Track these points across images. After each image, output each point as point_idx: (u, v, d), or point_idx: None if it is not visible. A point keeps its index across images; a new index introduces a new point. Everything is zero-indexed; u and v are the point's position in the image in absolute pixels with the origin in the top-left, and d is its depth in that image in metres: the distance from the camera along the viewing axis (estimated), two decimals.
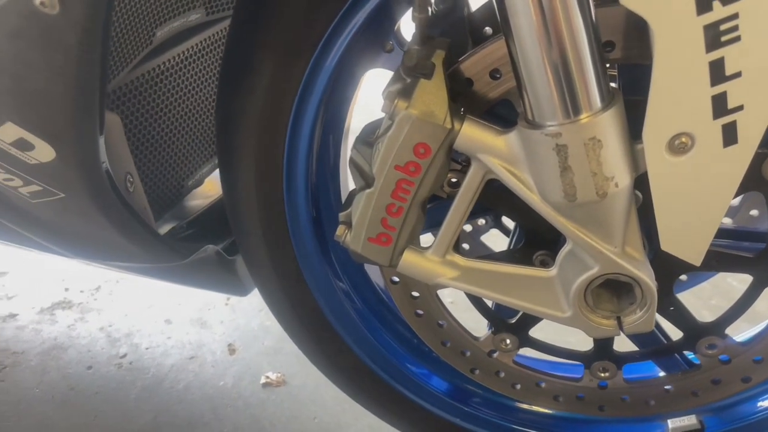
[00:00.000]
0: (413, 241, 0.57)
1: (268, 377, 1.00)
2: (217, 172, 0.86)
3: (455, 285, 0.57)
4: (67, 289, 1.15)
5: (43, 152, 0.53)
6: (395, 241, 0.56)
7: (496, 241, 0.85)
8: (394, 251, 0.56)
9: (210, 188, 0.90)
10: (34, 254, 1.20)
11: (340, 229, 0.58)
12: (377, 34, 0.61)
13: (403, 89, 0.50)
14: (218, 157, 0.68)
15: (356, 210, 0.56)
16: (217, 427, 0.92)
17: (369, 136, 0.56)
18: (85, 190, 0.58)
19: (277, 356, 1.04)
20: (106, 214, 0.61)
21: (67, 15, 0.39)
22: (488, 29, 0.62)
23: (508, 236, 0.81)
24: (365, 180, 0.55)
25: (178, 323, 1.10)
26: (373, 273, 0.77)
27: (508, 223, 0.80)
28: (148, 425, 0.91)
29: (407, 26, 0.60)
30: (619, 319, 0.53)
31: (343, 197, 0.72)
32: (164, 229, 0.77)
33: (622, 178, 0.46)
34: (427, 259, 0.57)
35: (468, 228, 0.85)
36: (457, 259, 0.57)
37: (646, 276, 0.50)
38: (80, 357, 1.02)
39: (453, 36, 0.58)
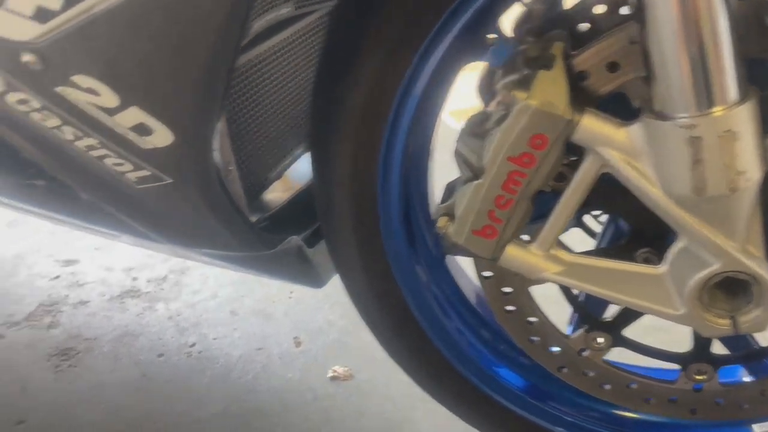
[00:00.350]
0: (517, 235, 0.57)
1: (335, 371, 1.00)
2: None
3: (559, 280, 0.57)
4: (135, 279, 1.17)
5: (161, 137, 0.54)
6: (500, 234, 0.56)
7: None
8: (497, 244, 0.56)
9: (286, 183, 0.91)
10: (103, 243, 1.23)
11: (442, 221, 0.58)
12: (481, 27, 0.61)
13: (520, 80, 0.50)
14: (312, 148, 0.69)
15: (461, 201, 0.56)
16: (287, 418, 0.92)
17: (476, 128, 0.56)
18: (194, 176, 0.59)
19: (343, 350, 1.04)
20: (209, 201, 0.63)
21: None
22: (584, 25, 0.62)
23: (589, 235, 0.80)
24: (473, 171, 0.55)
25: (243, 315, 1.11)
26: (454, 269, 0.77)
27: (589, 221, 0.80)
28: (219, 414, 0.92)
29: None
30: (734, 318, 0.52)
31: (432, 191, 0.72)
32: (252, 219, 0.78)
33: (753, 173, 0.45)
34: (530, 252, 0.57)
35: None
36: (562, 254, 0.57)
37: (767, 274, 0.49)
38: (151, 345, 1.04)
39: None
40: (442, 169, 0.73)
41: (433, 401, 0.81)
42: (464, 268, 0.77)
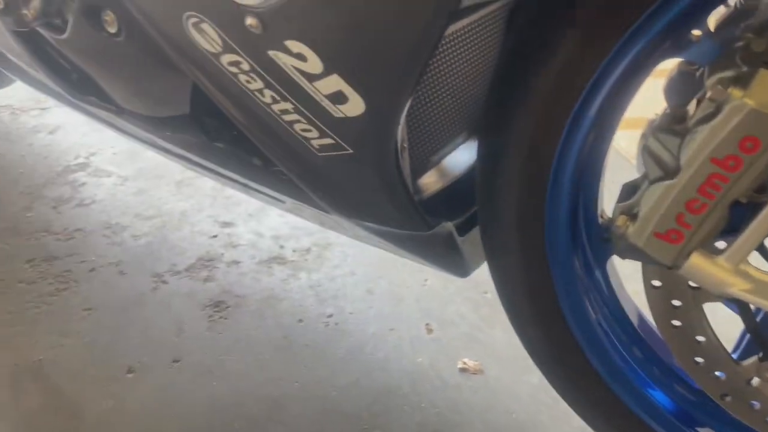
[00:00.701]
0: (705, 243, 0.53)
1: (465, 363, 1.00)
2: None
3: (747, 298, 0.53)
4: (282, 247, 1.24)
5: (354, 107, 0.56)
6: (686, 240, 0.52)
7: None
8: (681, 251, 0.53)
9: (443, 169, 0.92)
10: (256, 210, 1.31)
11: (621, 220, 0.56)
12: (688, 21, 0.57)
13: (737, 77, 0.47)
14: (484, 135, 0.69)
15: (647, 201, 0.53)
16: (415, 400, 0.94)
17: (674, 124, 0.53)
18: (374, 149, 0.61)
19: (473, 344, 1.04)
20: (382, 175, 0.65)
21: None
22: None
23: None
24: (664, 170, 0.52)
25: (379, 294, 1.14)
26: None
27: None
28: (351, 385, 0.95)
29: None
30: None
31: (602, 190, 0.70)
32: None
33: None
34: (717, 265, 0.53)
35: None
36: (751, 270, 0.53)
37: None
38: (293, 310, 1.09)
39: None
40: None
41: (559, 408, 0.78)
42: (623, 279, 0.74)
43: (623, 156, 1.56)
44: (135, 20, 0.62)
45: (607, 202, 0.64)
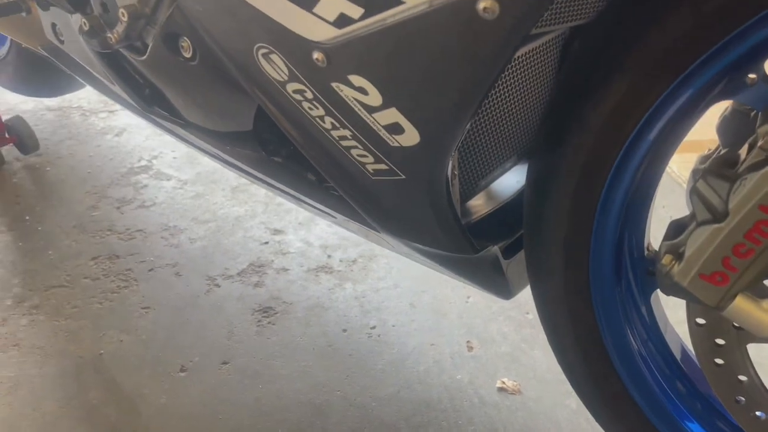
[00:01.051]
0: (749, 288, 0.54)
1: (503, 382, 1.01)
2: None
3: None
4: (329, 257, 1.28)
5: (409, 138, 0.59)
6: (732, 284, 0.53)
7: None
8: (726, 293, 0.54)
9: (491, 192, 0.94)
10: (305, 220, 1.36)
11: (667, 258, 0.57)
12: (744, 65, 0.58)
13: None
14: (535, 161, 0.71)
15: (693, 243, 0.54)
16: (453, 415, 0.96)
17: (724, 169, 0.54)
18: (426, 175, 0.64)
19: (513, 364, 1.05)
20: (432, 200, 0.67)
21: (501, 22, 0.44)
22: None
23: None
24: (712, 214, 0.53)
25: (421, 309, 1.17)
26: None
27: None
28: (392, 396, 0.98)
29: None
30: None
31: (649, 225, 0.70)
32: None
33: None
34: (761, 309, 0.53)
35: None
36: None
37: None
38: (338, 319, 1.13)
39: None
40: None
41: None
42: (668, 307, 0.74)
43: (675, 180, 1.54)
44: (209, 47, 0.66)
45: (657, 227, 0.65)
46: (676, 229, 0.60)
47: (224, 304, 1.16)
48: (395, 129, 0.59)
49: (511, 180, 0.90)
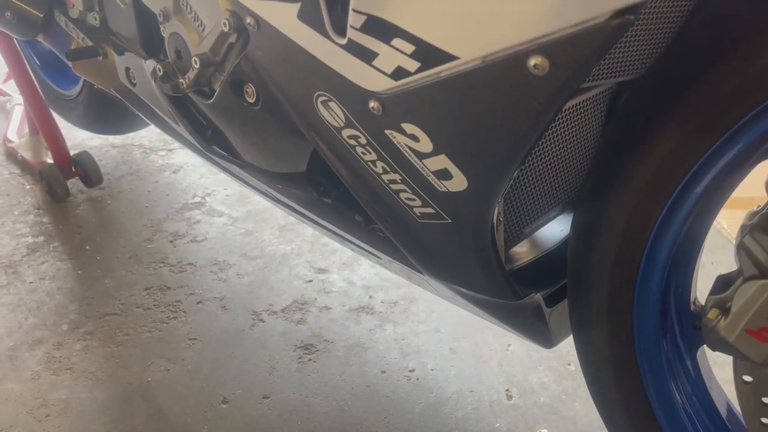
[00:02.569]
0: None
1: None
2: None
3: None
4: (371, 297, 1.30)
5: (457, 183, 0.62)
6: None
7: None
8: None
9: (535, 240, 0.95)
10: (349, 260, 1.39)
11: (713, 313, 0.57)
12: None
13: None
14: (580, 212, 0.72)
15: (739, 298, 0.54)
16: None
17: None
18: (472, 221, 0.66)
19: (553, 416, 1.04)
20: (476, 245, 0.69)
21: (551, 79, 0.46)
22: None
23: None
24: (759, 269, 0.53)
25: (461, 354, 1.17)
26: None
27: None
28: None
29: None
30: None
31: (696, 279, 0.70)
32: None
33: None
34: None
35: None
36: None
37: None
38: (377, 360, 1.14)
39: None
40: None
41: None
42: (714, 365, 0.73)
43: (725, 237, 1.51)
44: (271, 94, 0.71)
45: (705, 282, 0.64)
46: (723, 283, 0.60)
47: (267, 339, 1.18)
48: (444, 175, 0.62)
49: (556, 229, 0.91)
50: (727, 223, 1.57)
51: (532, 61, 0.46)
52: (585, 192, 0.71)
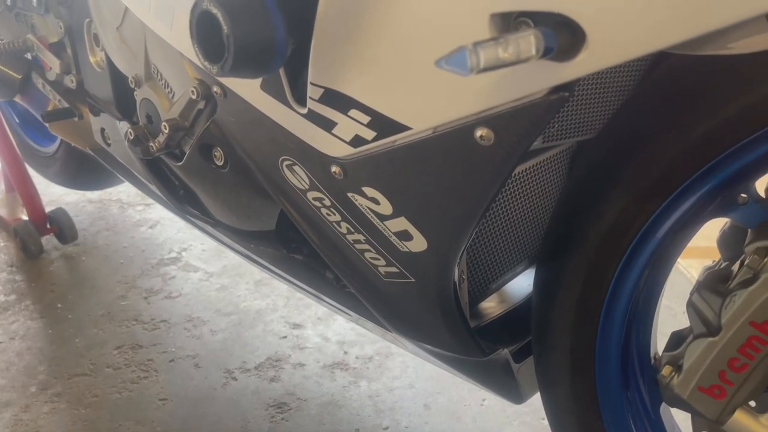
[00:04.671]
0: (748, 402, 0.54)
1: None
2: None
3: None
4: (345, 353, 1.29)
5: (417, 244, 0.63)
6: (729, 397, 0.54)
7: None
8: (725, 407, 0.54)
9: (501, 295, 0.96)
10: (324, 315, 1.38)
11: (667, 370, 0.58)
12: (736, 186, 0.62)
13: None
14: (539, 270, 0.74)
15: (690, 355, 0.56)
16: None
17: (717, 285, 0.56)
18: (434, 279, 0.67)
19: None
20: (440, 303, 0.70)
21: (496, 149, 0.49)
22: None
23: None
24: (707, 328, 0.55)
25: (436, 410, 1.16)
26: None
27: None
28: None
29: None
30: None
31: (655, 335, 0.72)
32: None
33: None
34: (762, 425, 0.54)
35: None
36: None
37: None
38: (351, 418, 1.13)
39: None
40: (663, 313, 0.72)
41: None
42: (679, 421, 0.73)
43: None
44: (239, 157, 0.73)
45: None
46: (677, 340, 0.61)
47: (240, 398, 1.17)
48: (405, 236, 0.63)
49: (523, 284, 0.93)
50: (697, 273, 1.59)
51: (479, 133, 0.48)
52: (544, 249, 0.73)
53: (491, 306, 0.91)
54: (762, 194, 0.62)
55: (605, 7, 0.37)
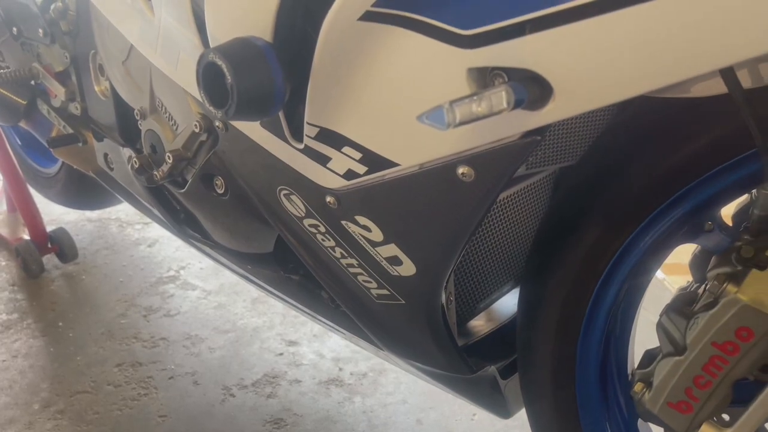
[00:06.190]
0: (713, 416, 0.59)
1: None
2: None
3: None
4: (341, 369, 1.33)
5: (407, 269, 0.67)
6: (696, 412, 0.58)
7: None
8: (692, 421, 0.59)
9: (489, 314, 1.00)
10: (320, 332, 1.42)
11: (638, 386, 0.63)
12: (702, 214, 0.66)
13: (733, 274, 0.55)
14: (523, 290, 0.78)
15: (659, 373, 0.60)
16: None
17: (683, 307, 0.61)
18: (423, 302, 0.72)
19: None
20: (429, 323, 0.74)
21: (477, 184, 0.53)
22: None
23: None
24: (675, 347, 0.59)
25: (428, 425, 1.19)
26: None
27: None
28: None
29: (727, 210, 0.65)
30: None
31: (632, 352, 0.76)
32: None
33: None
34: None
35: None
36: None
37: None
38: None
39: None
40: (648, 328, 0.76)
41: None
42: None
43: None
44: (239, 186, 0.78)
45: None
46: (649, 358, 0.66)
47: (238, 414, 1.20)
48: (395, 261, 0.68)
49: (510, 303, 0.97)
50: None
51: (461, 170, 0.53)
52: (527, 271, 0.78)
53: (480, 324, 0.96)
54: (728, 222, 0.66)
55: (569, 65, 0.42)
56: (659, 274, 1.64)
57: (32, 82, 1.23)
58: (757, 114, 0.50)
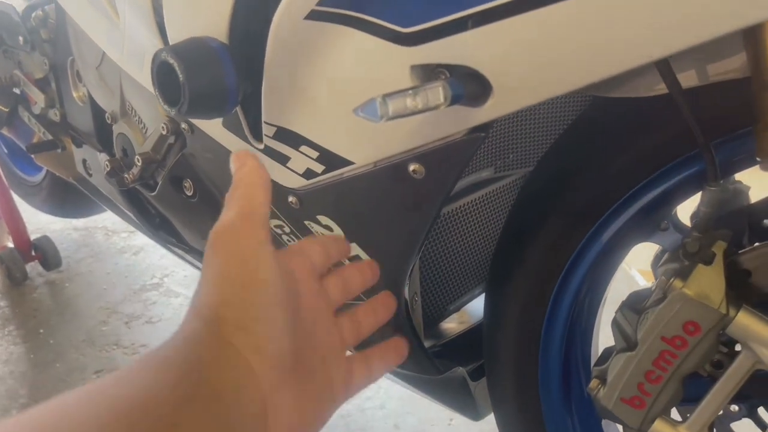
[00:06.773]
0: (666, 412, 0.59)
1: None
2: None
3: None
4: None
5: None
6: (649, 407, 0.59)
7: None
8: (645, 416, 0.59)
9: (462, 316, 1.01)
10: None
11: (594, 383, 0.63)
12: (656, 213, 0.67)
13: (680, 269, 0.56)
14: (487, 292, 0.79)
15: (613, 369, 0.61)
16: None
17: (636, 304, 0.61)
18: None
19: None
20: (393, 324, 0.75)
21: (428, 181, 0.54)
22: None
23: (762, 429, 0.76)
24: (627, 343, 0.60)
25: (405, 430, 1.19)
26: None
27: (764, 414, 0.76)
28: None
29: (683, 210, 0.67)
30: None
31: (596, 351, 0.77)
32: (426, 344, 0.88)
33: None
34: None
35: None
36: None
37: None
38: None
39: (730, 225, 0.63)
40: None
41: None
42: None
43: None
44: (207, 188, 0.78)
45: None
46: (606, 355, 0.66)
47: None
48: (357, 260, 0.68)
49: (480, 305, 0.98)
50: None
51: (412, 167, 0.54)
52: (491, 273, 0.78)
53: (451, 326, 0.96)
54: (686, 222, 0.67)
55: (503, 61, 0.43)
56: (640, 280, 1.66)
57: (14, 90, 1.24)
58: (701, 112, 0.51)
